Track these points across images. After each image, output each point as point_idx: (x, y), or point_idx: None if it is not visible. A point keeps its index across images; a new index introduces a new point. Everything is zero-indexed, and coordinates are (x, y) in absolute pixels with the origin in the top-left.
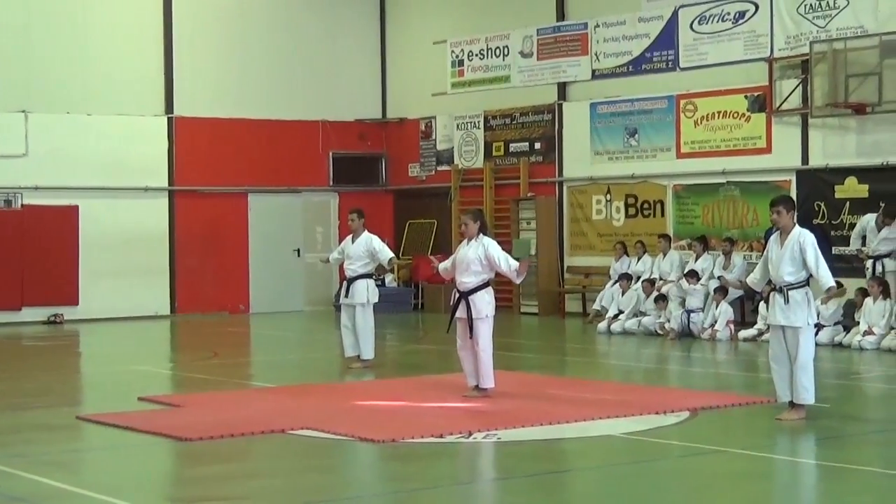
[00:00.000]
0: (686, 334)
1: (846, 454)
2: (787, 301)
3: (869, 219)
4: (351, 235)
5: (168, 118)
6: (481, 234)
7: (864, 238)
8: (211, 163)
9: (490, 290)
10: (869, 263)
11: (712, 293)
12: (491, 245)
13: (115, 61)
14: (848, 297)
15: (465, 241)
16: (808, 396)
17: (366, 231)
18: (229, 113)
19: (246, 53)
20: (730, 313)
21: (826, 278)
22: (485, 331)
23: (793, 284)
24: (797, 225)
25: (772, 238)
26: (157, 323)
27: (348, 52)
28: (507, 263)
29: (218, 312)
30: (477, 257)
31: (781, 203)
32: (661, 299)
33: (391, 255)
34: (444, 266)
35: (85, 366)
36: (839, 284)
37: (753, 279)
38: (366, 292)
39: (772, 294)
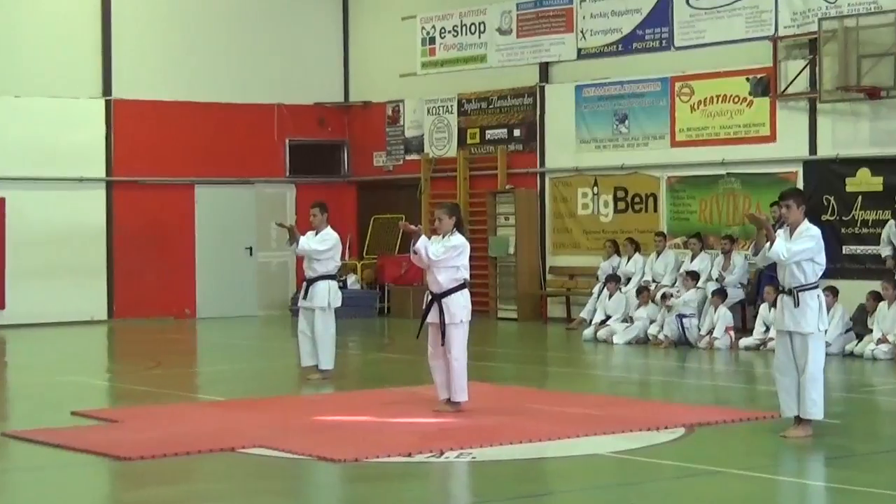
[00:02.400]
0: (682, 342)
1: (857, 475)
2: (797, 304)
3: (893, 223)
4: (313, 231)
5: (106, 101)
6: (455, 231)
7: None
8: (153, 151)
9: (466, 292)
10: None
11: (710, 297)
12: (453, 240)
13: (46, 37)
14: (860, 303)
15: (439, 237)
16: (816, 411)
17: (328, 227)
18: (174, 95)
19: (193, 29)
20: (729, 319)
21: (777, 251)
22: (459, 338)
23: (804, 285)
24: (807, 220)
25: (780, 235)
26: (93, 329)
27: (307, 29)
28: (433, 250)
29: (161, 317)
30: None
31: (791, 196)
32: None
33: (310, 248)
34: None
35: (12, 376)
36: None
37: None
38: (327, 295)
39: (779, 297)
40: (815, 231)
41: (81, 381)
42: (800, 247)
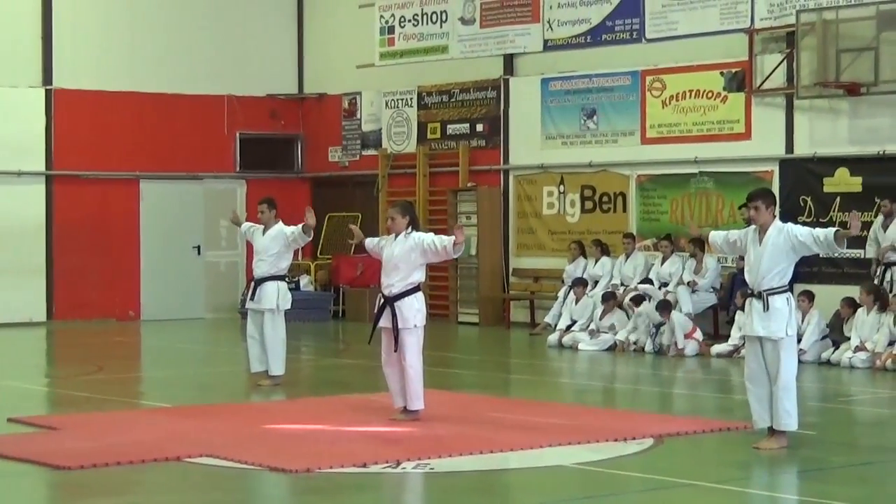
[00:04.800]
0: (657, 350)
1: (832, 488)
2: (766, 307)
3: (879, 221)
4: (261, 227)
5: (46, 90)
6: (411, 228)
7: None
8: (96, 143)
9: (420, 296)
10: (878, 271)
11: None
12: (424, 235)
13: None
14: (836, 309)
15: (392, 237)
16: (790, 422)
17: (279, 222)
18: (118, 85)
19: (139, 15)
20: (686, 324)
21: (827, 231)
22: (413, 343)
23: (774, 289)
24: (778, 219)
25: (748, 235)
26: (32, 331)
27: (259, 16)
28: (443, 242)
29: (103, 319)
30: (405, 253)
31: (760, 197)
32: (635, 301)
33: (296, 229)
34: (371, 243)
35: None
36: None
37: (716, 238)
38: (275, 296)
39: (748, 301)
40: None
41: (18, 386)
42: (810, 231)
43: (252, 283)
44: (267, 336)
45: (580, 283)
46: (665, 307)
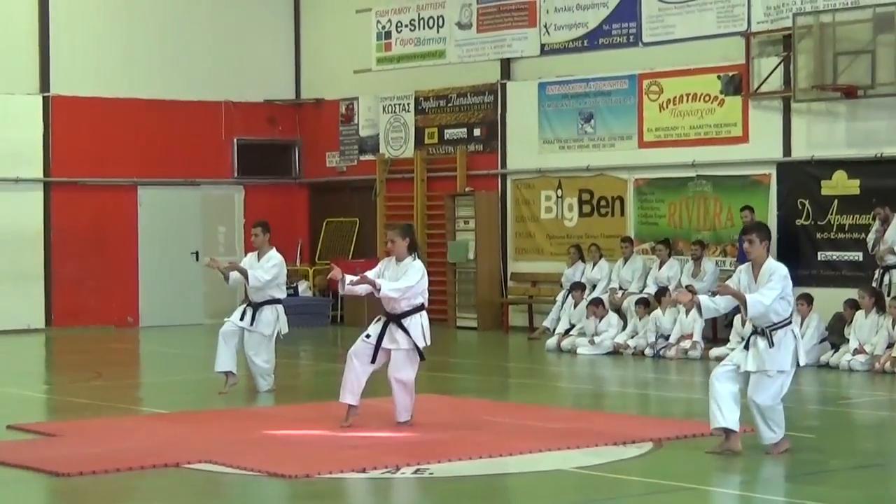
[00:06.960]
0: (657, 355)
1: (830, 491)
2: (771, 344)
3: (876, 226)
4: (255, 252)
5: (44, 97)
6: (411, 255)
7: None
8: (94, 150)
9: (425, 314)
10: (876, 273)
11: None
12: (410, 273)
13: None
14: (835, 311)
15: (393, 260)
16: (775, 435)
17: (273, 249)
18: (116, 92)
19: (136, 22)
20: (700, 324)
21: (756, 305)
22: (412, 362)
23: (776, 324)
24: (771, 257)
25: (742, 271)
26: (30, 338)
27: (257, 22)
28: (394, 286)
29: (102, 326)
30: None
31: (755, 231)
32: (642, 304)
33: (264, 277)
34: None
35: None
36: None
37: (710, 304)
38: (275, 322)
39: (751, 337)
40: (784, 271)
41: (17, 393)
42: (772, 293)
43: (247, 307)
44: (258, 359)
45: (578, 287)
46: (643, 302)
